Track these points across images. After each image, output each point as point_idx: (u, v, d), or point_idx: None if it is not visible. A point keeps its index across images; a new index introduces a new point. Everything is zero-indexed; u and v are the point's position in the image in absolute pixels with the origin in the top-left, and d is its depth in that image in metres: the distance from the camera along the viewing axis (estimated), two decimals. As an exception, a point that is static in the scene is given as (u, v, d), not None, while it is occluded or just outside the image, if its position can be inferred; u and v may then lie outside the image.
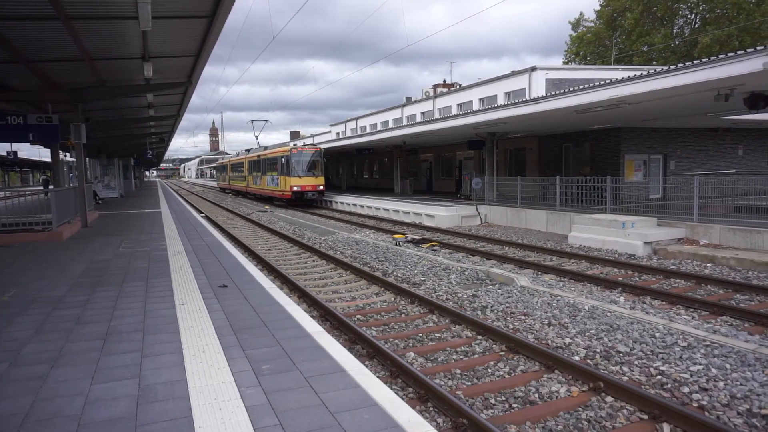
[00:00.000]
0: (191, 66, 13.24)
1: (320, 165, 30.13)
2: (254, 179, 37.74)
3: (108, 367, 4.34)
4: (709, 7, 43.64)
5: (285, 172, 29.33)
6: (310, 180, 29.31)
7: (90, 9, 8.71)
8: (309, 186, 29.14)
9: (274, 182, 31.26)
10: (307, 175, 29.25)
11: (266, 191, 34.10)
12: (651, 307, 8.05)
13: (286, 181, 29.14)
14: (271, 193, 32.73)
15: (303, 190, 28.99)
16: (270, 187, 32.70)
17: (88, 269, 8.70)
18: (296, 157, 29.20)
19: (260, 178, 35.53)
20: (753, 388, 4.85)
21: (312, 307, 8.31)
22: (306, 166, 29.40)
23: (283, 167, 29.61)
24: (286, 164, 29.21)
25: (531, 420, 4.65)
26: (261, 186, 35.41)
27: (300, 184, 28.85)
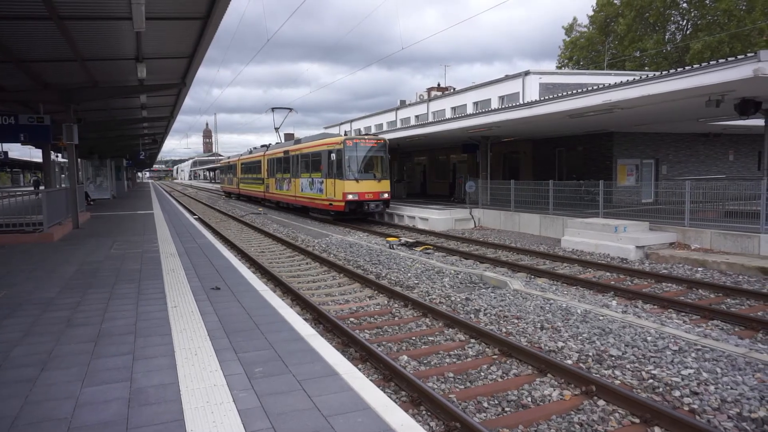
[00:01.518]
0: (185, 67, 13.19)
1: (385, 163, 21.65)
2: (279, 183, 28.72)
3: (99, 369, 4.31)
4: (701, 14, 44.09)
5: (334, 172, 20.88)
6: (371, 185, 20.82)
7: (83, 9, 8.66)
8: (370, 193, 20.73)
9: (315, 187, 22.74)
10: (367, 177, 20.82)
11: (300, 199, 24.89)
12: (643, 311, 8.10)
13: (336, 185, 20.72)
14: (309, 202, 23.69)
15: (362, 200, 20.58)
16: (307, 194, 23.73)
17: (80, 271, 8.63)
18: (352, 151, 20.77)
19: (290, 182, 26.53)
20: (743, 392, 4.89)
21: (305, 309, 8.28)
22: (366, 164, 21.16)
23: (331, 166, 21.14)
24: (336, 162, 20.80)
25: (523, 423, 4.66)
26: (291, 192, 26.32)
27: (357, 191, 20.47)
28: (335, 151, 20.91)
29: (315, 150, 22.99)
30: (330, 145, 21.55)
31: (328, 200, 21.38)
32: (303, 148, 24.55)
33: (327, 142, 21.99)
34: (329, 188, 21.31)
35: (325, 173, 21.59)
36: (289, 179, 26.74)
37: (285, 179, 27.47)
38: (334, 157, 20.88)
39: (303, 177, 24.36)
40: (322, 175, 21.86)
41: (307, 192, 23.78)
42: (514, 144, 26.64)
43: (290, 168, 26.36)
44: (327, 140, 22.30)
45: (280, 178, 28.39)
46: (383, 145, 21.53)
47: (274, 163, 29.78)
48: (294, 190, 25.82)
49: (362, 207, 20.82)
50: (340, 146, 20.67)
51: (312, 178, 23.26)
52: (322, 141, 22.73)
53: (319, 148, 22.48)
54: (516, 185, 19.66)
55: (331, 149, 21.27)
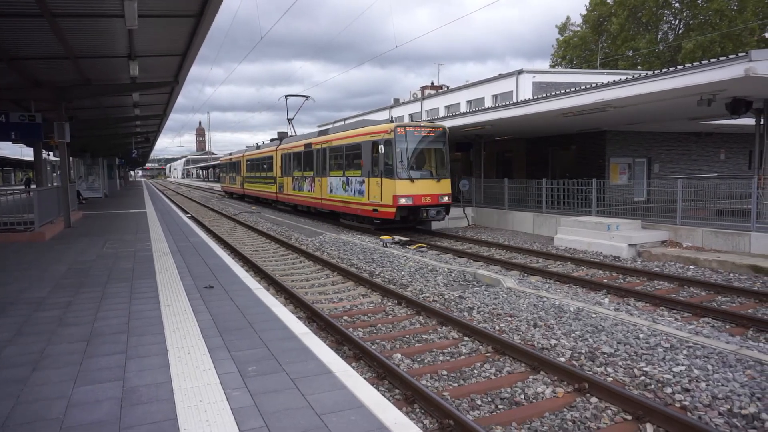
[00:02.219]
0: (178, 65, 13.13)
1: (446, 158, 17.07)
2: (297, 182, 24.05)
3: (91, 369, 4.29)
4: (693, 14, 44.37)
5: (381, 170, 16.36)
6: (429, 185, 16.38)
7: (75, 6, 8.60)
8: (428, 196, 16.25)
9: (352, 188, 18.25)
10: (424, 175, 16.42)
11: (328, 203, 20.46)
12: (635, 309, 8.15)
13: (384, 186, 16.21)
14: (343, 206, 19.20)
15: (418, 204, 16.09)
16: (339, 197, 19.30)
17: (71, 270, 8.58)
18: (405, 142, 16.22)
19: (313, 181, 21.99)
20: (734, 389, 4.93)
21: (299, 308, 8.27)
22: (423, 158, 16.85)
23: (376, 162, 16.64)
24: (384, 156, 16.28)
25: (517, 421, 4.68)
26: (315, 194, 21.77)
27: (412, 193, 15.97)
28: (383, 142, 16.18)
29: (352, 141, 18.27)
30: (375, 134, 16.75)
31: (372, 205, 16.76)
32: (334, 140, 19.92)
33: (370, 132, 17.20)
34: (373, 190, 16.66)
35: (367, 170, 17.02)
36: (311, 178, 22.04)
37: (306, 178, 22.76)
38: (381, 149, 16.13)
39: (333, 175, 19.83)
40: (363, 173, 17.25)
41: (339, 194, 19.22)
42: (507, 143, 26.72)
43: (314, 164, 21.75)
44: (370, 128, 17.45)
45: (299, 177, 23.65)
46: (443, 135, 16.92)
47: (291, 159, 25.03)
48: (319, 191, 21.18)
49: (418, 213, 16.36)
50: (389, 135, 16.01)
51: (346, 176, 18.60)
52: (362, 130, 17.89)
53: (359, 139, 17.69)
54: (509, 184, 19.72)
55: (376, 140, 16.57)
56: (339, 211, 19.87)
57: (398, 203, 15.81)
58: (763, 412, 4.51)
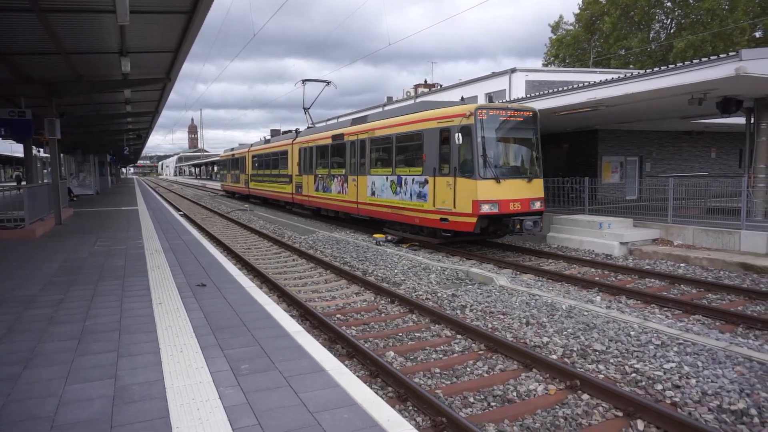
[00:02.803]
0: (170, 62, 13.05)
1: (537, 151, 13.27)
2: (322, 182, 20.00)
3: (82, 367, 4.26)
4: (685, 13, 44.64)
5: (455, 166, 12.51)
6: (520, 187, 12.67)
7: (66, 1, 8.52)
8: (517, 201, 12.50)
9: (407, 191, 14.22)
10: (513, 174, 12.81)
11: (368, 208, 16.39)
12: (626, 306, 8.21)
13: (460, 189, 12.40)
14: (391, 214, 15.08)
15: (505, 213, 12.33)
16: (386, 202, 15.23)
17: (62, 268, 8.52)
18: (489, 129, 12.45)
19: (345, 181, 17.90)
20: (723, 385, 4.98)
21: (291, 306, 8.26)
22: (512, 152, 13.20)
23: (445, 156, 12.91)
24: (461, 148, 12.41)
25: (509, 418, 4.70)
26: (348, 196, 17.76)
27: (498, 197, 12.22)
28: (459, 129, 12.17)
29: (408, 130, 14.23)
30: (446, 119, 12.76)
31: (440, 213, 12.86)
32: (377, 129, 15.79)
33: (438, 116, 13.06)
34: (441, 193, 12.79)
35: (432, 167, 13.06)
36: (342, 177, 18.14)
37: (335, 177, 18.73)
38: (457, 139, 12.12)
39: (376, 174, 15.86)
40: (425, 171, 13.38)
41: (386, 197, 15.20)
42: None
43: (347, 160, 17.80)
44: (438, 112, 13.22)
45: (325, 176, 19.68)
46: (533, 119, 13.01)
47: (312, 155, 20.96)
48: (354, 193, 17.19)
49: (504, 224, 12.42)
50: (468, 121, 12.09)
51: (398, 175, 14.60)
52: (424, 114, 13.70)
53: (419, 126, 13.73)
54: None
55: (447, 126, 12.61)
56: (384, 218, 15.70)
57: (480, 211, 11.86)
58: (751, 408, 4.57)
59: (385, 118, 16.03)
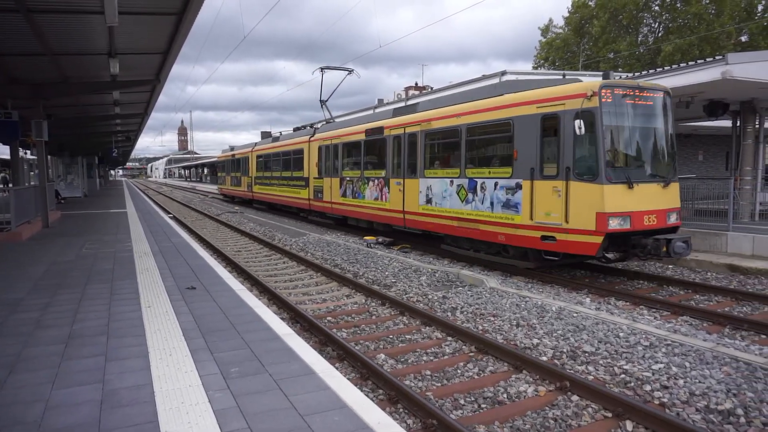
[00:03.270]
0: (159, 64, 12.98)
1: (672, 144, 10.09)
2: (353, 186, 16.70)
3: (70, 371, 4.22)
4: (672, 17, 45.16)
5: (569, 166, 9.21)
6: (655, 195, 9.52)
7: (53, 2, 8.46)
8: (652, 213, 9.30)
9: (489, 198, 10.98)
10: (646, 177, 9.55)
11: (426, 219, 13.17)
12: (615, 308, 8.27)
13: (576, 196, 9.14)
14: (463, 228, 11.81)
15: (637, 229, 9.16)
16: (456, 212, 12.00)
17: (49, 271, 8.43)
18: (621, 114, 9.33)
19: (390, 186, 14.68)
20: (711, 385, 5.03)
21: (282, 309, 8.24)
22: (645, 146, 9.86)
23: (551, 153, 9.70)
24: (579, 140, 9.10)
25: (499, 420, 4.72)
26: (391, 204, 14.65)
27: (629, 209, 9.03)
28: (577, 114, 8.96)
29: (493, 118, 10.83)
30: (554, 102, 9.55)
31: (542, 228, 9.70)
32: (438, 118, 12.56)
33: (541, 97, 9.80)
34: (546, 202, 9.62)
35: (530, 168, 9.87)
36: (381, 181, 15.00)
37: (370, 181, 15.57)
38: (579, 128, 8.77)
39: (433, 176, 12.73)
40: (516, 173, 10.19)
41: (451, 206, 12.05)
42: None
43: (388, 159, 14.63)
44: (540, 93, 9.96)
45: (355, 179, 16.50)
46: (666, 103, 9.90)
47: (337, 154, 17.84)
48: (400, 200, 14.05)
49: (637, 244, 9.40)
50: (591, 103, 8.99)
51: (471, 178, 11.41)
52: (519, 96, 10.31)
53: (513, 112, 10.32)
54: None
55: (556, 112, 9.48)
56: (445, 233, 12.62)
57: (608, 227, 8.81)
58: (738, 408, 4.62)
59: (448, 105, 12.63)
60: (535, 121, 9.87)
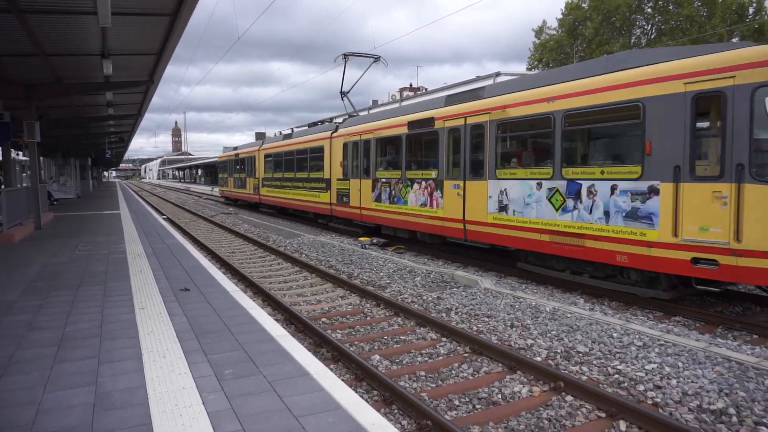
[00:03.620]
0: (153, 64, 12.93)
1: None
2: (390, 190, 14.21)
3: (62, 374, 4.19)
4: (665, 19, 45.47)
5: (742, 163, 6.71)
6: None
7: (45, 2, 8.41)
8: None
9: (600, 207, 8.42)
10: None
11: (499, 231, 10.47)
12: (609, 308, 8.30)
13: (755, 204, 6.67)
14: (555, 243, 9.26)
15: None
16: (551, 223, 9.27)
17: (42, 273, 8.38)
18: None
19: (446, 192, 11.96)
20: (703, 385, 5.07)
21: (276, 310, 8.22)
22: None
23: (702, 148, 7.66)
24: (753, 124, 6.67)
25: (494, 420, 4.73)
26: (445, 212, 12.02)
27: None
28: (755, 90, 6.75)
29: (609, 101, 8.46)
30: (710, 75, 7.17)
31: (693, 248, 7.36)
32: (516, 104, 10.07)
33: (690, 69, 7.38)
34: (701, 212, 7.26)
35: (674, 165, 7.51)
36: (430, 183, 12.41)
37: (414, 183, 13.06)
38: (765, 105, 6.70)
39: (509, 178, 10.25)
40: (648, 173, 7.88)
41: (539, 216, 9.57)
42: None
43: (442, 158, 12.07)
44: (686, 64, 7.50)
45: (395, 181, 13.85)
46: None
47: (370, 151, 15.15)
48: (458, 207, 11.52)
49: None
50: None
51: (570, 180, 9.03)
52: (651, 71, 7.90)
53: (642, 91, 7.94)
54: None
55: (718, 88, 7.09)
56: (529, 250, 10.02)
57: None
58: (730, 408, 4.65)
59: (528, 88, 9.91)
60: (683, 101, 7.38)
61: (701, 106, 7.41)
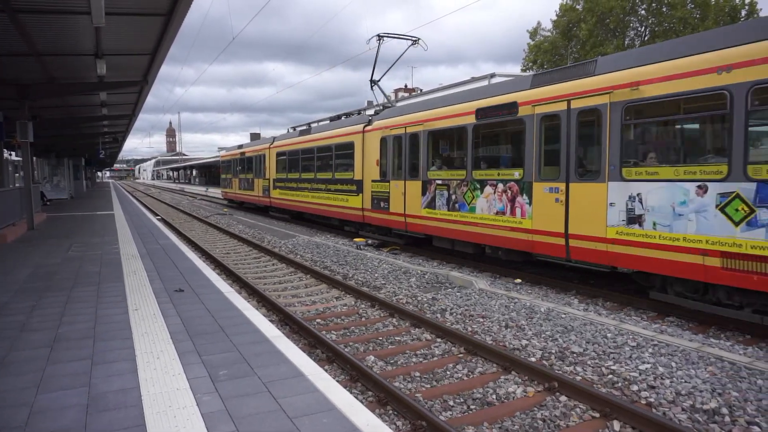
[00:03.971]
0: (147, 65, 12.88)
1: None
2: (448, 194, 11.59)
3: (55, 375, 4.17)
4: (658, 21, 45.75)
5: None
6: None
7: (39, 2, 8.36)
8: None
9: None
10: None
11: (623, 248, 7.99)
12: (603, 309, 8.33)
13: None
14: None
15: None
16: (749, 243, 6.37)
17: (35, 274, 8.32)
18: None
19: (537, 199, 9.37)
20: (696, 385, 5.10)
21: (271, 311, 8.20)
22: None
23: None
24: None
25: (488, 421, 4.73)
26: (537, 223, 9.38)
27: None
28: None
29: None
30: None
31: None
32: (662, 78, 7.39)
33: None
34: None
35: None
36: (512, 186, 10.00)
37: (486, 186, 10.60)
38: None
39: (652, 178, 7.63)
40: None
41: (721, 234, 6.75)
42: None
43: (527, 154, 9.68)
44: None
45: (454, 184, 11.48)
46: None
47: (420, 147, 12.59)
48: (554, 217, 9.13)
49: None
50: None
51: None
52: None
53: None
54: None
55: None
56: (678, 276, 7.53)
57: None
58: (723, 407, 4.67)
59: (674, 57, 7.39)
60: None
61: None
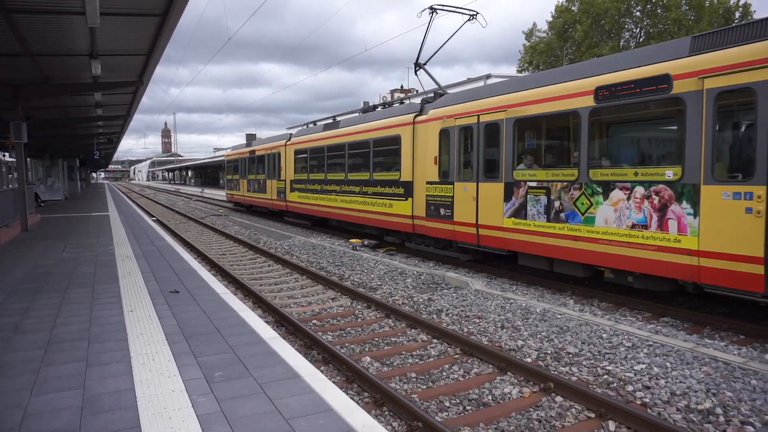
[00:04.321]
0: (142, 65, 12.85)
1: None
2: (549, 199, 9.01)
3: (50, 377, 4.15)
4: (653, 23, 45.96)
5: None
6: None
7: (33, 2, 8.33)
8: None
9: None
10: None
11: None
12: (599, 309, 8.36)
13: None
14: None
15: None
16: None
17: (29, 275, 8.28)
18: None
19: (721, 208, 6.47)
20: (691, 385, 5.11)
21: (267, 312, 8.19)
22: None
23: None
24: None
25: (484, 421, 4.74)
26: (698, 244, 6.78)
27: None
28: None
29: None
30: None
31: None
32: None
33: None
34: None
35: None
36: (660, 191, 7.31)
37: (608, 191, 8.07)
38: None
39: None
40: None
41: None
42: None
43: (689, 147, 6.87)
44: None
45: (554, 187, 9.00)
46: None
47: (500, 139, 10.04)
48: (746, 235, 6.28)
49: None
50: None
51: None
52: None
53: None
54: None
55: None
56: None
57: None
58: (717, 407, 4.69)
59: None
60: None
61: None
